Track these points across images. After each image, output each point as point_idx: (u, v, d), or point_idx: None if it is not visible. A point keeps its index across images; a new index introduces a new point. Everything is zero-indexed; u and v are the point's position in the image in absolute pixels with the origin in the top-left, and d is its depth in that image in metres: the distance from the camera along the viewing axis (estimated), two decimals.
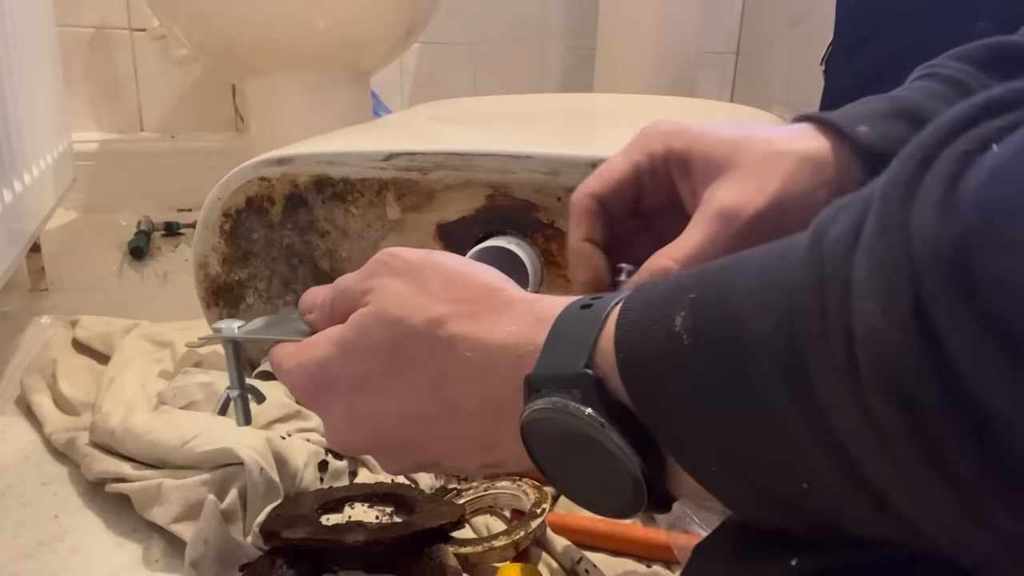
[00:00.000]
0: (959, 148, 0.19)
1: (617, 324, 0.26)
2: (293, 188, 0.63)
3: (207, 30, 1.11)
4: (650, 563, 0.53)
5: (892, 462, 0.19)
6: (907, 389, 0.19)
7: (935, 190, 0.19)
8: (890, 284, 0.19)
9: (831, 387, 0.20)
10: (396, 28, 1.16)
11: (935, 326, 0.18)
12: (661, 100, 1.08)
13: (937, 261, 0.18)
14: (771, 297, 0.22)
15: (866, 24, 0.84)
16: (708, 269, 0.25)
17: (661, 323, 0.24)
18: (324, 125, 0.88)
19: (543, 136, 0.72)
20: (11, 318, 0.91)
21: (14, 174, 0.76)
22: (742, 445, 0.23)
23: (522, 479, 0.57)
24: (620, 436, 0.26)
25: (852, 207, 0.21)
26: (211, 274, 0.68)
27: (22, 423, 0.68)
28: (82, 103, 1.45)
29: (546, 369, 0.28)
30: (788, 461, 0.22)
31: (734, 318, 0.23)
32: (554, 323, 0.29)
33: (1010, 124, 0.19)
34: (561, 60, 1.74)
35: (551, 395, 0.27)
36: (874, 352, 0.19)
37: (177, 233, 1.25)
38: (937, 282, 0.18)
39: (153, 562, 0.52)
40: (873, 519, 0.21)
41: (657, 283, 0.26)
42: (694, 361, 0.23)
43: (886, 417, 0.19)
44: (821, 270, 0.21)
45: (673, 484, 0.27)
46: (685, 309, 0.24)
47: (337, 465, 0.59)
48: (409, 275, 0.34)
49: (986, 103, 0.20)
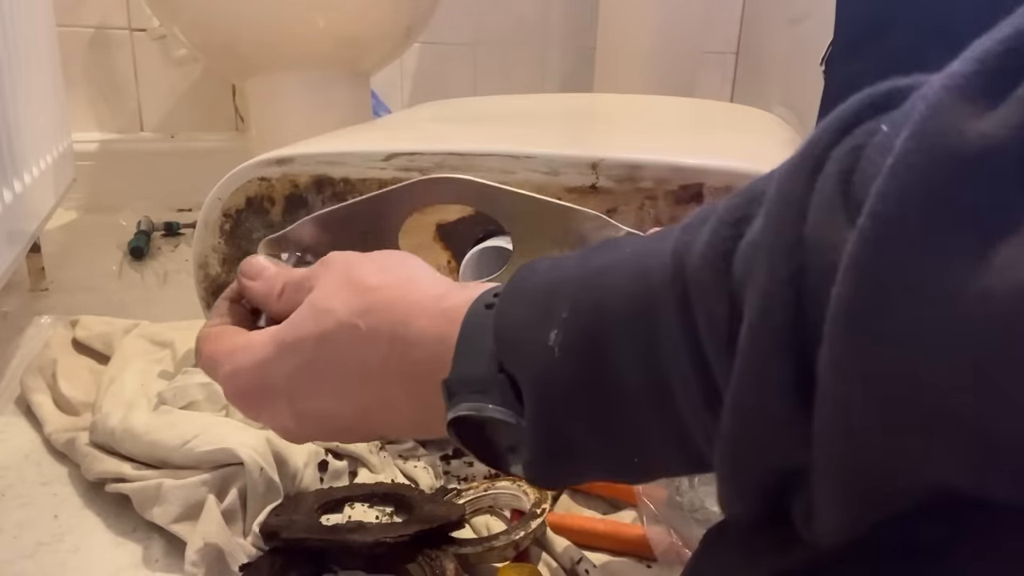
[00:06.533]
0: (846, 145, 0.20)
1: (496, 337, 0.28)
2: (293, 188, 0.63)
3: (207, 30, 1.11)
4: (650, 563, 0.53)
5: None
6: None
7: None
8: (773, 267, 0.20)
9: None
10: (396, 28, 1.16)
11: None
12: (661, 100, 1.08)
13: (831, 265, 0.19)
14: (636, 327, 0.25)
15: (866, 24, 0.84)
16: (578, 286, 0.27)
17: (537, 339, 0.27)
18: (324, 125, 0.88)
19: (543, 136, 0.72)
20: (11, 318, 0.91)
21: (14, 174, 0.76)
22: (603, 444, 0.27)
23: (522, 479, 0.57)
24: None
25: (712, 227, 0.23)
26: (211, 274, 0.68)
27: (22, 423, 0.68)
28: (82, 103, 1.45)
29: (460, 374, 0.30)
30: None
31: (600, 337, 0.25)
32: (462, 325, 0.30)
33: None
34: (561, 60, 1.74)
35: (468, 399, 0.29)
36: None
37: (177, 233, 1.25)
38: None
39: (153, 562, 0.52)
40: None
41: (531, 284, 0.29)
42: (569, 372, 0.26)
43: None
44: (686, 299, 0.23)
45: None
46: (558, 327, 0.26)
47: (337, 465, 0.59)
48: (344, 269, 0.35)
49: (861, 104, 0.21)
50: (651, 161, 0.55)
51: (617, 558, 0.53)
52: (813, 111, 0.90)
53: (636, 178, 0.56)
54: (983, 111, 0.17)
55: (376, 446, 0.61)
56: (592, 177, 0.56)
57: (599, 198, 0.57)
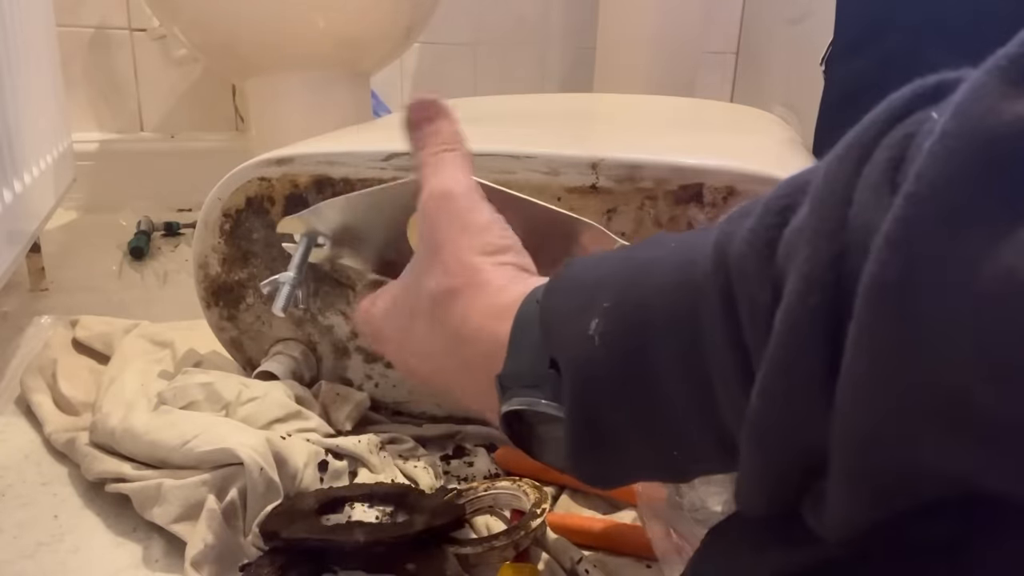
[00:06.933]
0: (897, 134, 0.20)
1: (541, 325, 0.29)
2: (293, 188, 0.63)
3: (207, 30, 1.11)
4: (650, 563, 0.53)
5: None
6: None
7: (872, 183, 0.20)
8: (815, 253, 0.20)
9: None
10: (396, 28, 1.16)
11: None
12: (661, 100, 1.08)
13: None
14: (678, 318, 0.25)
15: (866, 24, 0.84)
16: (621, 278, 0.27)
17: (577, 328, 0.27)
18: (324, 125, 0.88)
19: (543, 136, 0.72)
20: (11, 318, 0.91)
21: (14, 174, 0.76)
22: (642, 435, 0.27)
23: (522, 479, 0.57)
24: None
25: (757, 215, 0.23)
26: (211, 274, 0.68)
27: (22, 423, 0.68)
28: (82, 103, 1.45)
29: (512, 369, 0.31)
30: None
31: (641, 328, 0.26)
32: (514, 322, 0.31)
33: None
34: (561, 60, 1.74)
35: (520, 394, 0.30)
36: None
37: (177, 233, 1.25)
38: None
39: (153, 562, 0.52)
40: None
41: (576, 276, 0.30)
42: (607, 361, 0.26)
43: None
44: (728, 289, 0.23)
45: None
46: (599, 316, 0.27)
47: (337, 465, 0.59)
48: (441, 244, 0.37)
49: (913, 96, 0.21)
50: (651, 161, 0.55)
51: (617, 558, 0.53)
52: (813, 111, 0.90)
53: (636, 178, 0.56)
54: (1022, 93, 0.17)
55: (376, 446, 0.61)
56: (592, 177, 0.56)
57: (599, 198, 0.57)
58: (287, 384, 0.64)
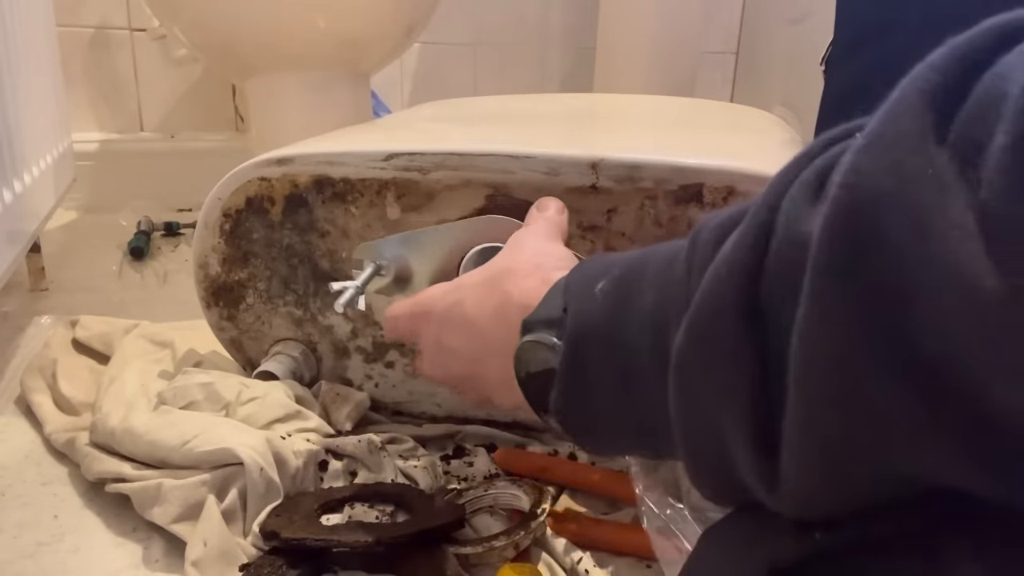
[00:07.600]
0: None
1: (565, 288, 0.35)
2: (293, 188, 0.63)
3: (207, 30, 1.11)
4: (650, 563, 0.53)
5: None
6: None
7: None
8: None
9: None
10: (396, 28, 1.16)
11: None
12: (661, 100, 1.08)
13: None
14: (658, 282, 0.30)
15: (866, 24, 0.84)
16: (636, 255, 0.33)
17: (590, 287, 0.33)
18: (324, 125, 0.88)
19: (543, 136, 0.72)
20: (11, 318, 0.91)
21: (14, 174, 0.76)
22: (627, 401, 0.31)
23: (522, 479, 0.57)
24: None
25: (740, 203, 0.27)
26: (211, 274, 0.68)
27: (22, 423, 0.68)
28: (82, 103, 1.45)
29: (538, 314, 0.36)
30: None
31: (633, 289, 0.31)
32: (551, 286, 0.37)
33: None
34: (561, 60, 1.74)
35: (536, 331, 0.35)
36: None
37: (177, 233, 1.25)
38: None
39: (153, 562, 0.52)
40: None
41: (603, 256, 0.36)
42: (602, 311, 0.32)
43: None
44: (692, 259, 0.28)
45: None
46: (606, 279, 0.32)
47: (337, 465, 0.59)
48: (513, 243, 0.45)
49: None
50: (651, 161, 0.55)
51: (617, 558, 0.53)
52: (813, 111, 0.90)
53: (636, 178, 0.56)
54: (941, 106, 0.19)
55: (376, 446, 0.61)
56: (592, 177, 0.56)
57: (599, 198, 0.57)
58: (287, 384, 0.64)
